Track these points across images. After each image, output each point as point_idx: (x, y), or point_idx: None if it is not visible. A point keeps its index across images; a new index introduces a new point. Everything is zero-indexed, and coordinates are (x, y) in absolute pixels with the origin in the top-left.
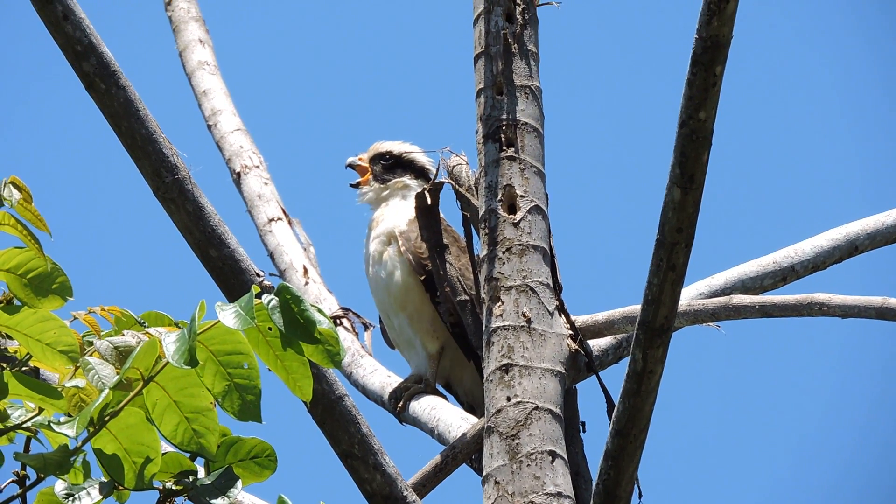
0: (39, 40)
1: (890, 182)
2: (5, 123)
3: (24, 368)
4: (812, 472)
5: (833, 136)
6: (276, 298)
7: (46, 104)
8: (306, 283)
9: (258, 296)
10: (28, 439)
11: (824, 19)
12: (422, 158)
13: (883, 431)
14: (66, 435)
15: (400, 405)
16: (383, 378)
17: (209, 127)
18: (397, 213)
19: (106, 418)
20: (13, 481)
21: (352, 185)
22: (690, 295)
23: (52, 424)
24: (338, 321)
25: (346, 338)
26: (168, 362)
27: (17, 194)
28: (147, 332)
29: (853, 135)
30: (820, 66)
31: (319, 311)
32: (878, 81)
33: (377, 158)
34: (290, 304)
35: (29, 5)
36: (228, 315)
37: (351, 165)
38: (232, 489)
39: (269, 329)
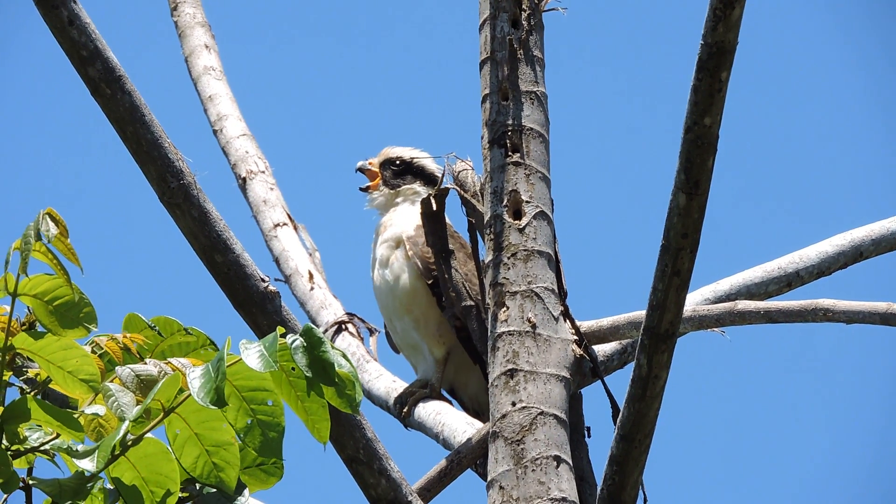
0: (45, 45)
1: (895, 188)
2: (9, 126)
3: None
4: (819, 477)
5: (838, 142)
6: (300, 339)
7: (51, 108)
8: (312, 289)
9: (283, 335)
10: (32, 463)
11: (830, 26)
12: (431, 165)
13: (892, 437)
14: (85, 469)
15: (405, 410)
16: (388, 383)
17: (215, 132)
18: (405, 219)
19: (127, 446)
20: (20, 488)
21: (361, 189)
22: (695, 300)
23: (71, 450)
24: (343, 326)
25: (351, 343)
26: (190, 394)
27: (53, 228)
28: (170, 363)
29: (859, 140)
30: (825, 72)
31: (343, 355)
32: (883, 87)
33: (387, 164)
34: (313, 346)
35: (34, 10)
36: (252, 355)
37: (361, 169)
38: (239, 497)
39: (293, 369)
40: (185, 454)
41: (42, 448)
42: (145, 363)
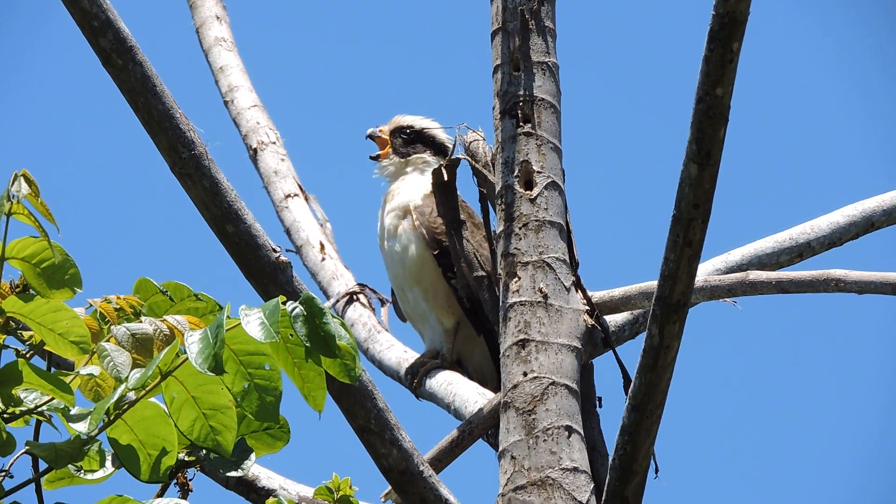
0: (56, 16)
1: None
2: (24, 99)
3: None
4: (830, 445)
5: (850, 112)
6: (301, 307)
7: (64, 79)
8: (323, 259)
9: (283, 303)
10: (38, 424)
11: None
12: (442, 135)
13: None
14: (79, 431)
15: (416, 380)
16: (400, 353)
17: (226, 103)
18: (413, 187)
19: (123, 409)
20: (25, 453)
21: (372, 158)
22: (707, 271)
23: (66, 413)
24: (354, 297)
25: (362, 314)
26: (187, 358)
27: (25, 188)
28: (165, 321)
29: (870, 110)
30: (838, 41)
31: (342, 325)
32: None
33: (398, 132)
34: (314, 316)
35: None
36: (254, 323)
37: (371, 137)
38: (246, 461)
39: (291, 336)
40: (182, 417)
41: (38, 410)
42: (140, 321)
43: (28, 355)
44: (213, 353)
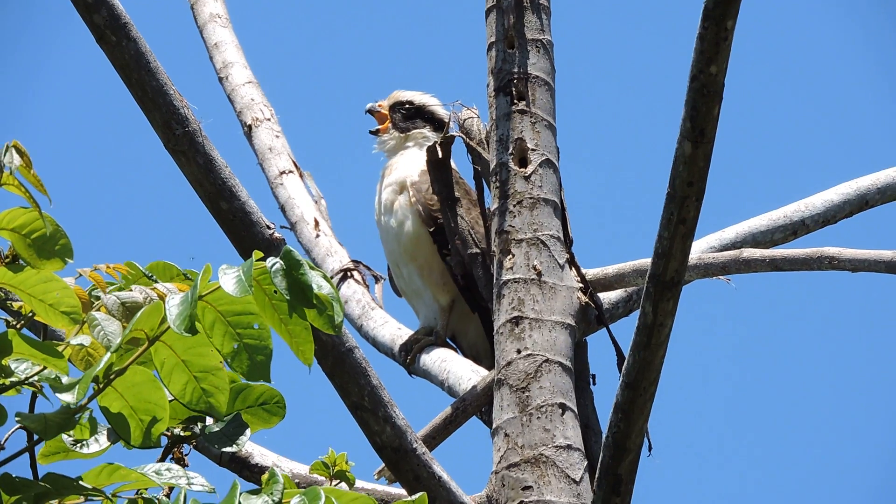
0: None
1: None
2: (16, 74)
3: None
4: (823, 423)
5: (844, 91)
6: (280, 262)
7: (58, 55)
8: (317, 236)
9: (263, 258)
10: (34, 395)
11: None
12: (441, 111)
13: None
14: (67, 401)
15: (410, 357)
16: (393, 330)
17: (220, 80)
18: (411, 163)
19: (112, 377)
20: (20, 427)
21: (371, 132)
22: (701, 248)
23: (56, 382)
24: (348, 274)
25: (356, 291)
26: None
27: (17, 159)
28: (155, 288)
29: (865, 89)
30: (831, 19)
31: (324, 276)
32: (891, 34)
33: (397, 107)
34: (292, 268)
35: None
36: (229, 280)
37: (371, 111)
38: (242, 437)
39: (275, 292)
40: (173, 381)
41: (29, 380)
42: (131, 290)
43: (19, 326)
44: (188, 314)
